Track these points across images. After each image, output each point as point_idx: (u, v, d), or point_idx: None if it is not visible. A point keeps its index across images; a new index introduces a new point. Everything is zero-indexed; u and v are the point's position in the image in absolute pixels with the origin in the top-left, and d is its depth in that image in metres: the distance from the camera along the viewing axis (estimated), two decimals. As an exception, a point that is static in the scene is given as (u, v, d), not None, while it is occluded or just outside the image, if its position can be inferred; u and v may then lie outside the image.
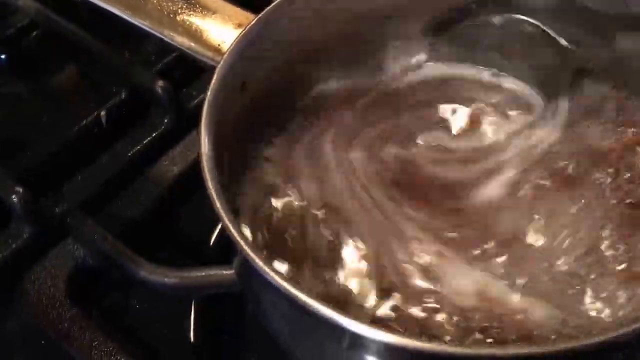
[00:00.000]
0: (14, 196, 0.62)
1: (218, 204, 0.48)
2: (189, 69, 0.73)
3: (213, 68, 0.55)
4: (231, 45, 0.54)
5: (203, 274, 0.58)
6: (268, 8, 0.57)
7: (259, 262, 0.45)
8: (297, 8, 0.58)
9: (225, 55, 0.54)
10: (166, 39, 0.58)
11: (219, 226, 0.67)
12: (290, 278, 0.51)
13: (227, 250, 0.66)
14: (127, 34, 0.74)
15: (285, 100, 0.60)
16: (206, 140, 0.50)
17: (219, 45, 0.57)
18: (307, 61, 0.60)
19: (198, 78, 0.74)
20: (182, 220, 0.70)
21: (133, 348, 0.60)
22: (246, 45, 0.55)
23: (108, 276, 0.65)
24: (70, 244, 0.65)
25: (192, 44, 0.57)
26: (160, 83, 0.70)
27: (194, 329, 0.62)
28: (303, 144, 0.59)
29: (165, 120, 0.71)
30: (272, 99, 0.58)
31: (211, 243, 0.67)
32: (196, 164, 0.68)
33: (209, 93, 0.52)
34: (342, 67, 0.62)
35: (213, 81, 0.53)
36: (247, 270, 0.50)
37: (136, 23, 0.59)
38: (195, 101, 0.72)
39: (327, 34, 0.60)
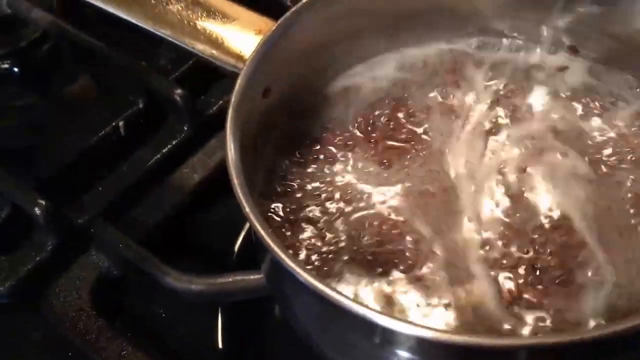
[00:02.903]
0: (36, 208, 0.62)
1: (247, 208, 0.48)
2: (205, 76, 0.72)
3: (234, 74, 0.56)
4: (253, 51, 0.54)
5: (230, 279, 0.58)
6: (287, 14, 0.57)
7: (292, 264, 0.45)
8: (315, 12, 0.58)
9: (247, 62, 0.54)
10: (188, 48, 0.58)
11: (243, 233, 0.67)
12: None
13: (250, 257, 0.67)
14: (140, 43, 0.75)
15: (308, 102, 0.60)
16: (232, 146, 0.50)
17: (240, 51, 0.57)
18: (329, 62, 0.61)
19: (214, 85, 0.74)
20: (203, 227, 0.70)
21: (161, 356, 0.60)
22: (268, 51, 0.56)
23: (132, 285, 0.65)
24: (93, 254, 0.65)
25: (214, 52, 0.58)
26: (179, 91, 0.70)
27: (222, 336, 0.62)
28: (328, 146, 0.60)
29: (184, 128, 0.70)
30: (295, 103, 0.59)
31: (236, 249, 0.67)
32: (216, 171, 0.70)
33: (232, 99, 0.53)
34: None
35: (236, 87, 0.53)
36: (278, 272, 0.50)
37: (158, 33, 0.59)
38: (214, 108, 0.72)
39: (347, 34, 0.60)
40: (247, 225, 0.68)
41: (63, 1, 0.82)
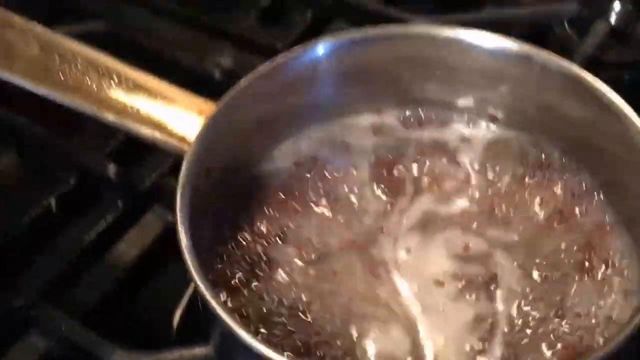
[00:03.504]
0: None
1: (199, 282, 0.49)
2: (137, 148, 0.73)
3: (177, 155, 0.58)
4: (199, 133, 0.56)
5: (178, 354, 0.60)
6: (226, 96, 0.59)
7: (248, 338, 0.47)
8: (254, 93, 0.60)
9: (193, 143, 0.56)
10: (132, 132, 0.59)
11: (181, 307, 0.68)
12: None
13: (190, 330, 0.67)
14: (65, 117, 0.75)
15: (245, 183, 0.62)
16: (184, 232, 0.52)
17: (183, 133, 0.59)
18: (266, 141, 0.63)
19: (147, 157, 0.74)
20: (140, 303, 0.70)
21: None
22: (210, 132, 0.57)
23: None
24: (32, 337, 0.64)
25: (158, 135, 0.59)
26: (112, 167, 0.70)
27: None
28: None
29: (119, 204, 0.71)
30: (233, 183, 0.60)
31: (175, 323, 0.67)
32: (153, 246, 0.71)
33: (180, 183, 0.54)
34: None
35: (183, 170, 0.55)
36: (229, 343, 0.51)
37: (101, 117, 0.60)
38: (147, 183, 0.72)
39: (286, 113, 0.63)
40: (185, 299, 0.69)
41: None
